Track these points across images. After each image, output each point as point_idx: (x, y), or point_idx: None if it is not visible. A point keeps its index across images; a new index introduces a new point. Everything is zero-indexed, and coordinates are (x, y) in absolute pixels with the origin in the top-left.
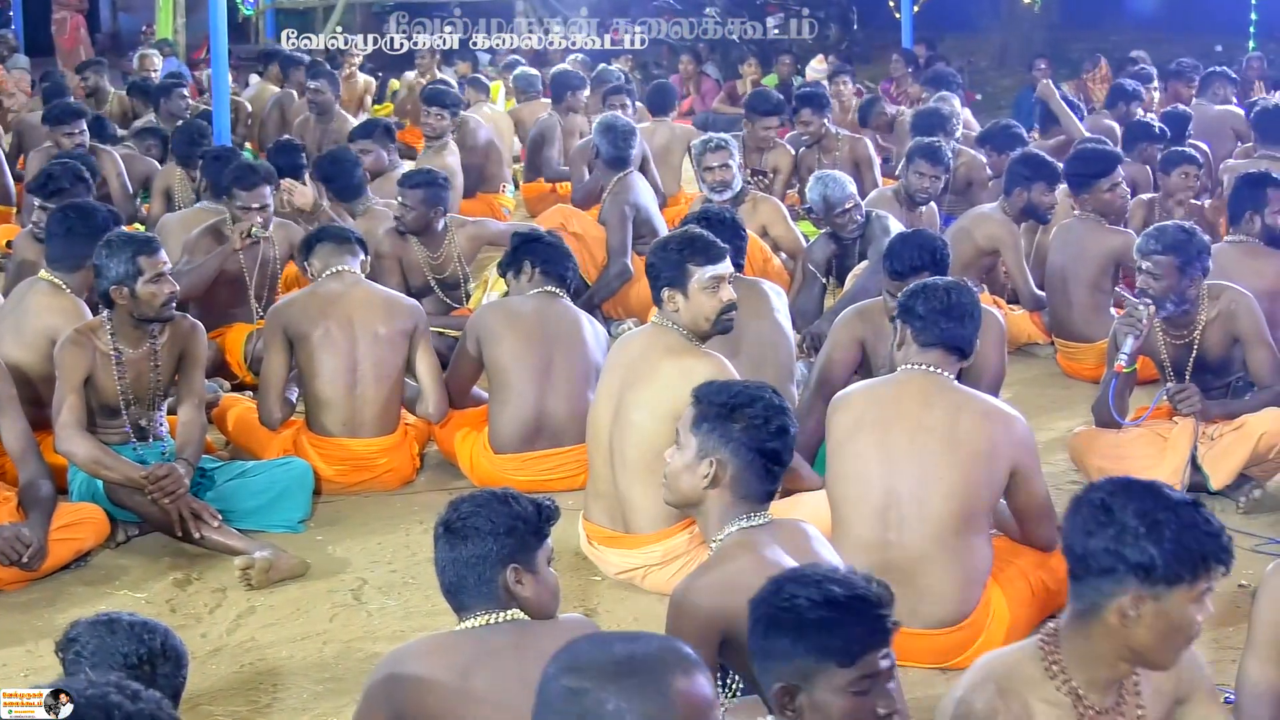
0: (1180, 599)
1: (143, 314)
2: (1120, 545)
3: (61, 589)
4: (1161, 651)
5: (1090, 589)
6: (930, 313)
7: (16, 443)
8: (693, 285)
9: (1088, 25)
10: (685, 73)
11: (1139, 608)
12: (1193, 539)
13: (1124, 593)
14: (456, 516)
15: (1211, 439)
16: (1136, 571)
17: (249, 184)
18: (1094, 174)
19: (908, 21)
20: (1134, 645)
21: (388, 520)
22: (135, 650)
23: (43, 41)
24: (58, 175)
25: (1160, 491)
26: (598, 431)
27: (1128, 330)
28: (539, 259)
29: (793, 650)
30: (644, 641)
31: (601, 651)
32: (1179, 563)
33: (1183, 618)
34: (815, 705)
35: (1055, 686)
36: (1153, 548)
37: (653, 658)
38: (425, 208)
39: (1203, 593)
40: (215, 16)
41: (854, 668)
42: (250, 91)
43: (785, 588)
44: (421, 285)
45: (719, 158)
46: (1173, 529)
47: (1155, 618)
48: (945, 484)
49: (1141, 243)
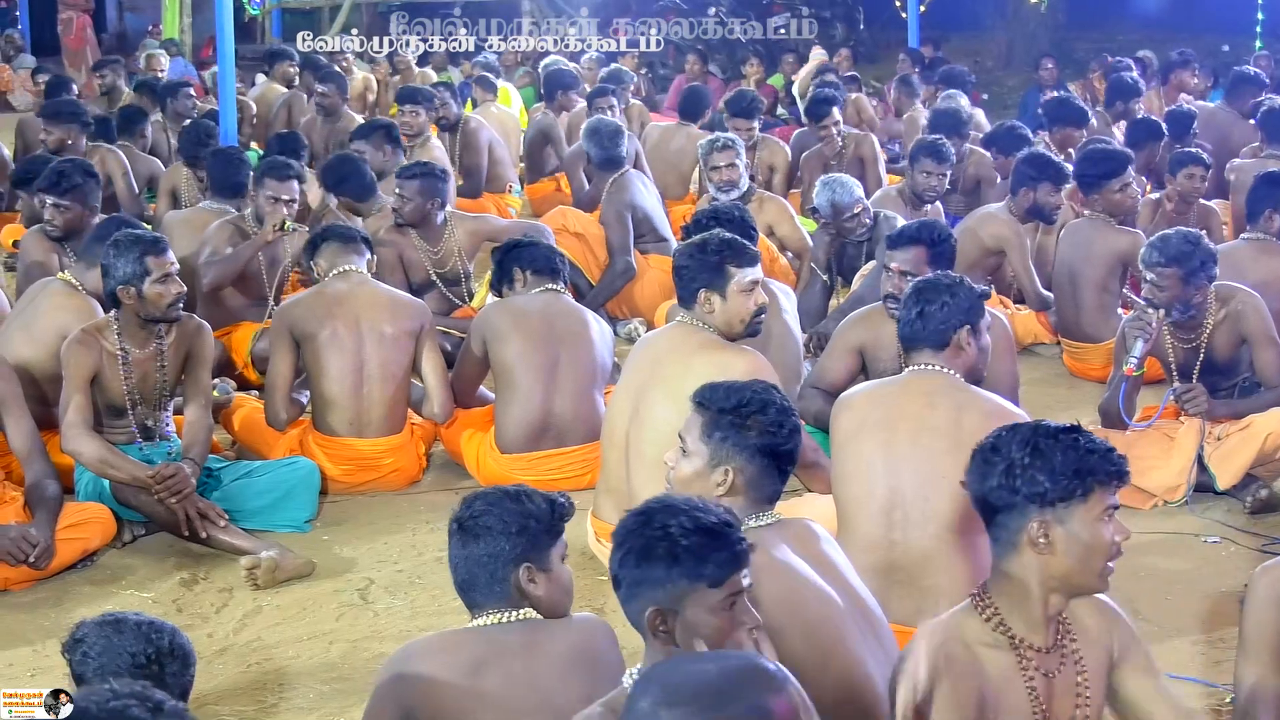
0: (1083, 517)
1: (149, 314)
2: (1011, 478)
3: (68, 589)
4: (1084, 573)
5: (1000, 529)
6: (905, 320)
7: (23, 442)
8: (731, 287)
9: (1093, 25)
10: (691, 73)
11: (1047, 533)
12: (1076, 457)
13: (1028, 522)
14: (469, 514)
15: (1218, 439)
16: (1032, 499)
17: (283, 175)
18: (1104, 174)
19: (914, 21)
20: (1056, 573)
21: (394, 520)
22: (143, 650)
23: (49, 41)
24: (69, 172)
25: (1043, 425)
26: (614, 427)
27: (1137, 334)
28: (526, 262)
29: (667, 575)
30: (730, 662)
31: (693, 680)
32: (1065, 479)
33: (1093, 536)
34: (688, 625)
35: (995, 632)
36: (1039, 473)
37: (748, 680)
38: (422, 199)
39: (1106, 509)
40: (221, 16)
41: (723, 587)
42: (256, 91)
43: (655, 517)
44: (423, 281)
45: (726, 157)
46: (1056, 453)
47: (1066, 541)
48: (949, 484)
49: (1145, 254)
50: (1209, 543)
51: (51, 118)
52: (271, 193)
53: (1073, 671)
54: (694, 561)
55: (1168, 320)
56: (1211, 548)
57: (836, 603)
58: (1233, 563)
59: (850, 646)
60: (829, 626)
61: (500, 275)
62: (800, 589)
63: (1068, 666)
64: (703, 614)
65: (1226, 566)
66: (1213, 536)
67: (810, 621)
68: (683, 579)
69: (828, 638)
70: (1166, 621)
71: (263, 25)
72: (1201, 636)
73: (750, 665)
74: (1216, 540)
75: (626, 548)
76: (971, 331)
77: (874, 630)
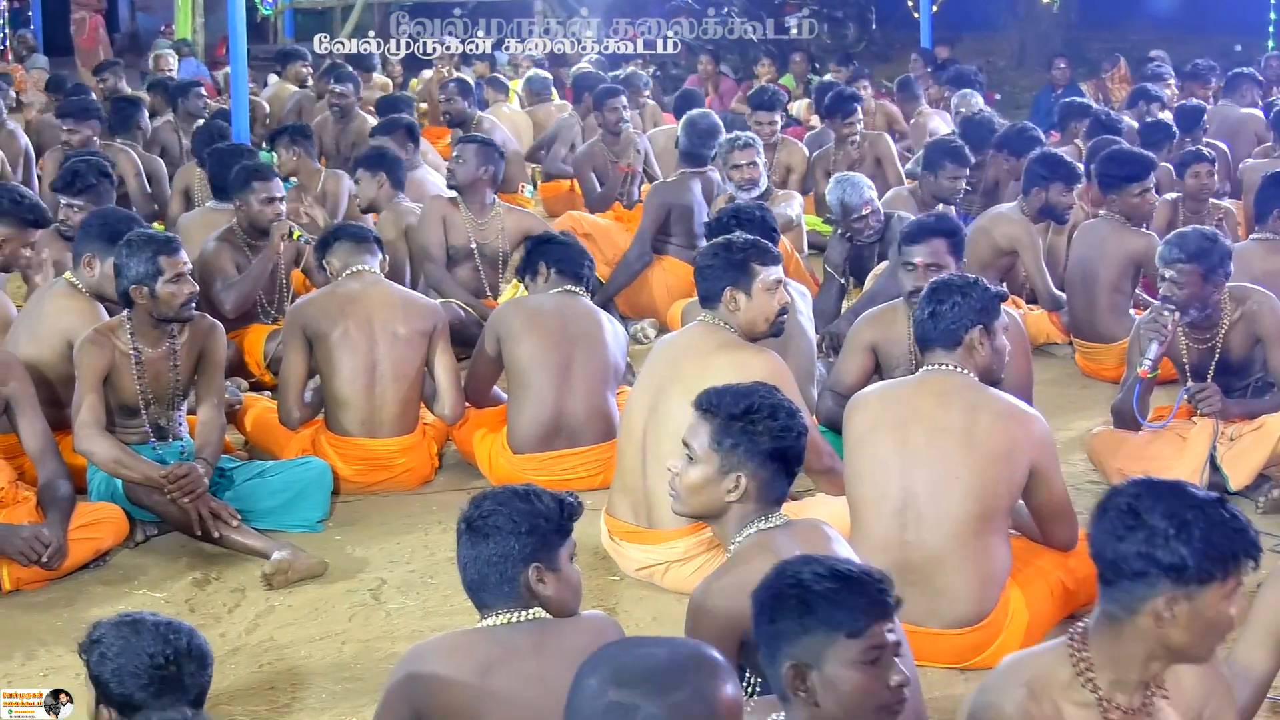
0: (1214, 596)
1: (162, 314)
2: (1151, 548)
3: (80, 589)
4: (1198, 648)
5: (1123, 593)
6: (918, 320)
7: (36, 442)
8: (757, 285)
9: (1106, 25)
10: (704, 73)
11: (1173, 609)
12: (1222, 536)
13: (1158, 595)
14: (479, 514)
15: (1231, 439)
16: (1169, 573)
17: (267, 174)
18: (1127, 176)
19: (926, 21)
20: (1169, 645)
21: (406, 520)
22: (161, 651)
23: (61, 42)
24: (83, 172)
25: (1185, 490)
26: (632, 424)
27: (1152, 336)
28: (553, 260)
29: (801, 627)
30: (680, 649)
31: (643, 663)
32: (1210, 561)
33: (1217, 614)
34: (827, 681)
35: (1083, 687)
36: (1184, 548)
37: (695, 668)
38: (476, 162)
39: (1234, 588)
40: (234, 16)
41: (863, 638)
42: (269, 91)
43: (788, 569)
44: (462, 245)
45: (746, 155)
46: (1201, 528)
47: (1190, 617)
48: (963, 484)
49: (1164, 251)
50: None
51: (75, 115)
52: (264, 194)
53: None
54: (829, 609)
55: (1183, 321)
56: None
57: None
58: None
59: None
60: None
61: (526, 264)
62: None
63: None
64: (842, 669)
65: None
66: None
67: None
68: (818, 630)
69: None
70: None
71: (275, 25)
72: None
73: (700, 653)
74: None
75: (760, 602)
76: (985, 331)
77: None
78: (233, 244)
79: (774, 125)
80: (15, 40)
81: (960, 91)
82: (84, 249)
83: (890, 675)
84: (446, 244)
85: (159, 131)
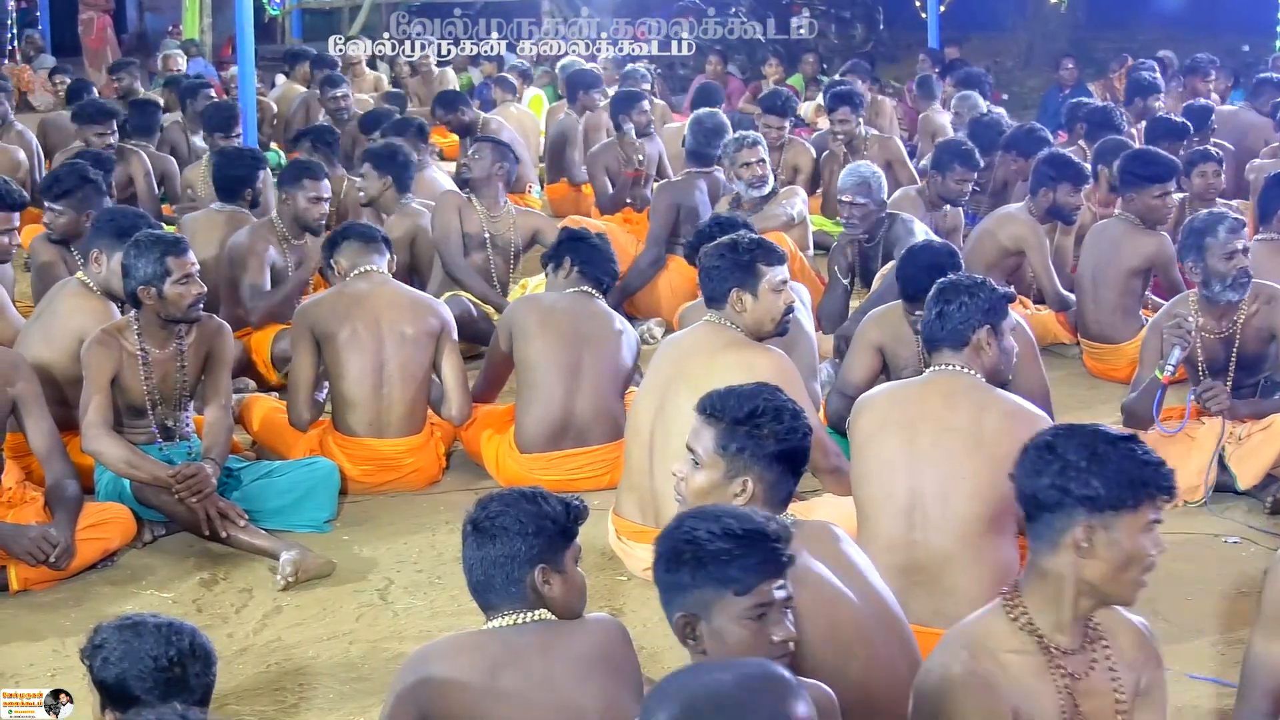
0: (1129, 527)
1: (170, 315)
2: (1065, 480)
3: (88, 589)
4: (1118, 583)
5: (1043, 526)
6: (925, 321)
7: (43, 442)
8: (763, 286)
9: (1114, 25)
10: (712, 73)
11: (1091, 537)
12: (1133, 467)
13: (1075, 524)
14: (485, 515)
15: (1239, 438)
16: (1084, 502)
17: (319, 174)
18: (1150, 176)
19: (934, 21)
20: (1091, 578)
21: (414, 520)
22: (164, 652)
23: (69, 42)
24: (63, 177)
25: (1101, 430)
26: (639, 423)
27: (1175, 341)
28: (580, 258)
29: (693, 581)
30: (744, 671)
31: (711, 690)
32: (1122, 488)
33: (1134, 546)
34: (714, 633)
35: (1021, 632)
36: (1095, 479)
37: (766, 689)
38: (491, 158)
39: (1150, 522)
40: (241, 17)
41: (749, 595)
42: (276, 92)
43: (686, 523)
44: (476, 234)
45: (755, 154)
46: (1114, 460)
47: (1107, 547)
48: (969, 484)
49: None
50: (1229, 543)
51: (95, 119)
52: (313, 192)
53: (1105, 677)
54: (718, 568)
55: (1203, 293)
56: (1231, 548)
57: (855, 604)
58: (1253, 563)
59: (870, 648)
60: (848, 628)
61: (554, 254)
62: (818, 592)
63: (1098, 672)
64: (728, 623)
65: (1246, 567)
66: (1232, 537)
67: (828, 624)
68: (707, 586)
69: (847, 639)
70: (1185, 622)
71: (283, 26)
72: (1220, 637)
73: (766, 672)
74: (1236, 540)
75: (659, 551)
76: (992, 332)
77: (895, 631)
78: (270, 237)
79: (782, 129)
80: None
81: (961, 93)
82: (93, 244)
83: (774, 631)
84: (462, 231)
85: (168, 131)
